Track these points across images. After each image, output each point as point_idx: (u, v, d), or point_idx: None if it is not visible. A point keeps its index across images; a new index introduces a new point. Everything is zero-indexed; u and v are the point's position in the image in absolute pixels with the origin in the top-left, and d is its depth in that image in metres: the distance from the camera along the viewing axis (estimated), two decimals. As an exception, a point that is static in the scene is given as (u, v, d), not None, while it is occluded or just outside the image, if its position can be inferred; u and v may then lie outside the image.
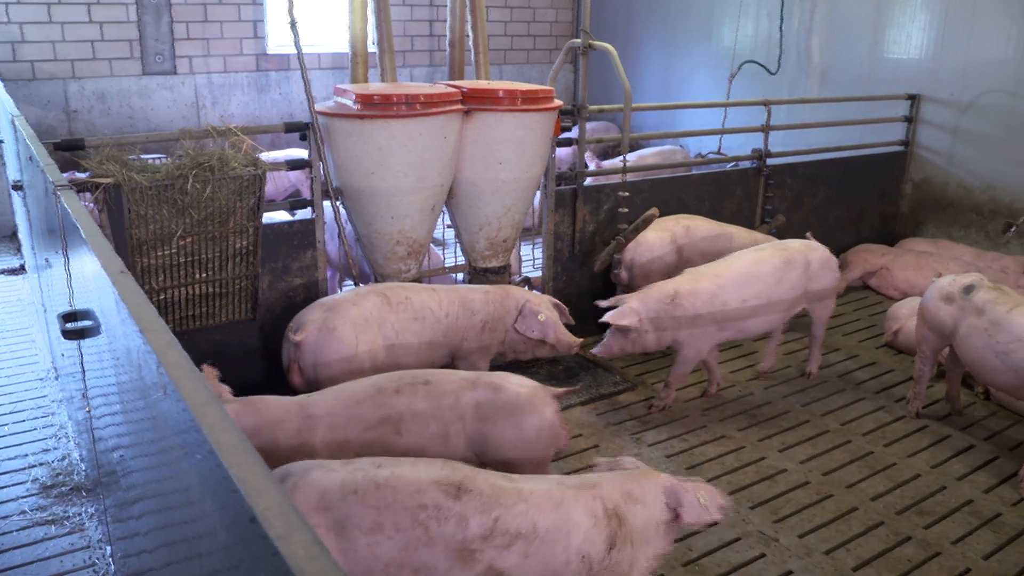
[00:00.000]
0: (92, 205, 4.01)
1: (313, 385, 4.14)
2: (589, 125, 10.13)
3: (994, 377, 4.43)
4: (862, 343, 6.27)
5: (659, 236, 5.86)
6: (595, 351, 4.83)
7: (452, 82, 5.25)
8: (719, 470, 4.48)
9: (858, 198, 7.83)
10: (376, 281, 4.98)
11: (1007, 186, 7.39)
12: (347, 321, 4.13)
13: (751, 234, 6.11)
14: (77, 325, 2.67)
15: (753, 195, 6.87)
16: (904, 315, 5.99)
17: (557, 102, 5.09)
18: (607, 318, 4.66)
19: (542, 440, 3.45)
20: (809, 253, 5.22)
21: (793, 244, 5.28)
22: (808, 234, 5.61)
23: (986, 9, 7.36)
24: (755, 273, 5.00)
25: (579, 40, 5.55)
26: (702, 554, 3.80)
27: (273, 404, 3.42)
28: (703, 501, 2.97)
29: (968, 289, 4.57)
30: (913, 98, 7.97)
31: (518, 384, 3.50)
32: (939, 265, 6.85)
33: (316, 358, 4.11)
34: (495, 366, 4.69)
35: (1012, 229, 7.17)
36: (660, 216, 5.66)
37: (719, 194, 6.65)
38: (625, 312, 4.67)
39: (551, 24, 11.63)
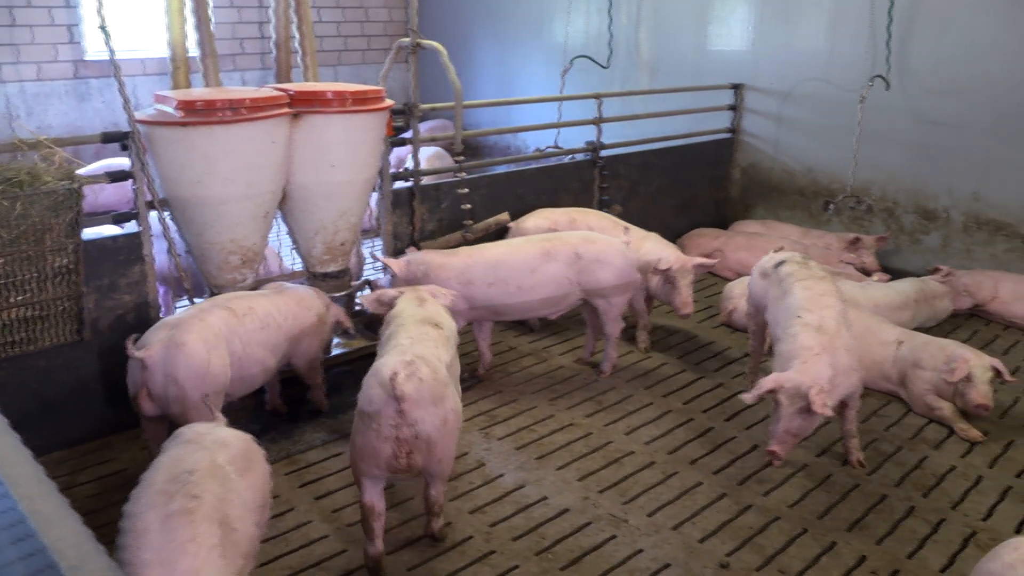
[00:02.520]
0: None
1: (164, 407, 3.95)
2: (429, 124, 10.14)
3: (775, 343, 4.63)
4: (700, 323, 6.51)
5: (537, 224, 5.95)
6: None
7: (279, 85, 5.13)
8: (568, 457, 4.56)
9: (691, 185, 8.14)
10: (212, 293, 4.82)
11: (825, 168, 7.84)
12: (196, 335, 3.95)
13: (645, 235, 6.02)
14: None
15: (589, 186, 7.03)
16: (737, 294, 6.25)
17: (388, 102, 5.05)
18: (381, 256, 5.04)
19: (270, 478, 3.34)
20: (581, 246, 5.24)
21: (566, 236, 5.35)
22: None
23: (798, 2, 7.77)
24: (507, 260, 5.14)
25: (408, 39, 5.52)
26: (554, 541, 3.86)
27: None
28: (441, 291, 4.41)
29: (779, 264, 4.81)
30: (737, 87, 8.35)
31: (234, 435, 3.24)
32: (768, 245, 7.18)
33: (167, 377, 3.89)
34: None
35: (831, 207, 7.62)
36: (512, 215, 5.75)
37: (556, 187, 6.76)
38: (395, 260, 5.08)
39: (385, 24, 11.56)
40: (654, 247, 5.78)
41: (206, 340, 3.98)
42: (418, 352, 3.56)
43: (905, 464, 4.56)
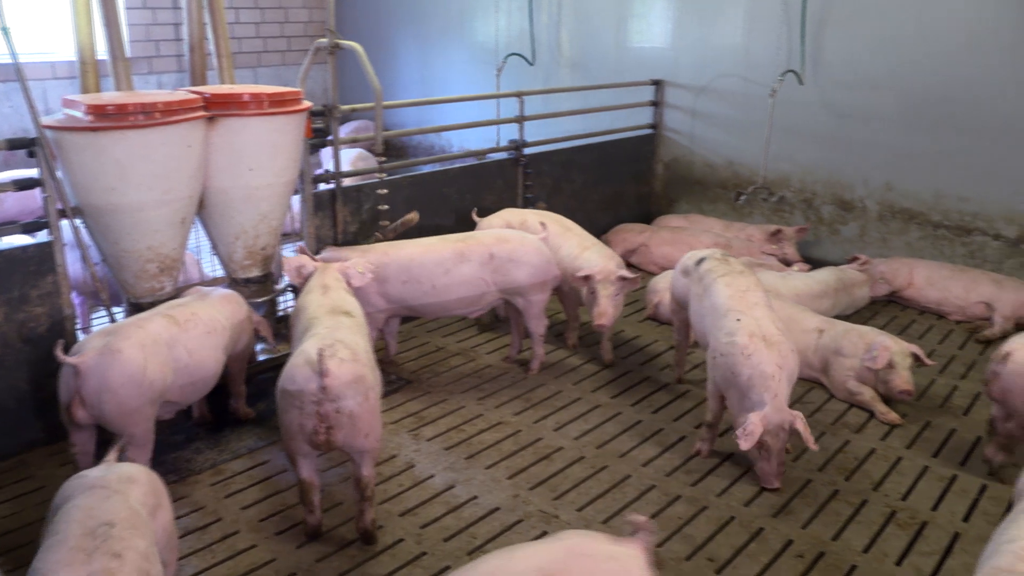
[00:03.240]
0: None
1: (97, 416, 3.83)
2: (353, 124, 10.04)
3: (700, 340, 4.73)
4: (627, 317, 6.56)
5: (490, 223, 5.95)
6: None
7: (195, 88, 5.03)
8: (497, 456, 4.56)
9: (614, 181, 8.20)
10: (129, 303, 4.71)
11: (745, 161, 7.98)
12: (133, 343, 3.86)
13: (589, 244, 5.72)
14: None
15: (513, 185, 7.04)
16: (662, 288, 6.32)
17: (306, 103, 5.00)
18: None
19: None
20: (496, 247, 5.27)
21: (480, 236, 5.39)
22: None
23: (714, -1, 7.92)
24: (421, 259, 5.18)
25: (326, 40, 5.47)
26: (485, 541, 3.86)
27: None
28: (360, 269, 4.53)
29: (700, 261, 4.87)
30: (657, 83, 8.45)
31: (135, 468, 3.11)
32: (692, 239, 7.31)
33: (101, 384, 3.77)
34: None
35: (742, 197, 7.77)
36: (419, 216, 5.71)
37: (480, 186, 6.76)
38: (315, 258, 4.96)
39: (305, 24, 11.41)
40: (592, 257, 5.55)
41: (144, 347, 3.89)
42: (338, 337, 3.76)
43: (828, 449, 4.66)
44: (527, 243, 5.34)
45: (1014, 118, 6.46)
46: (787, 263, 7.09)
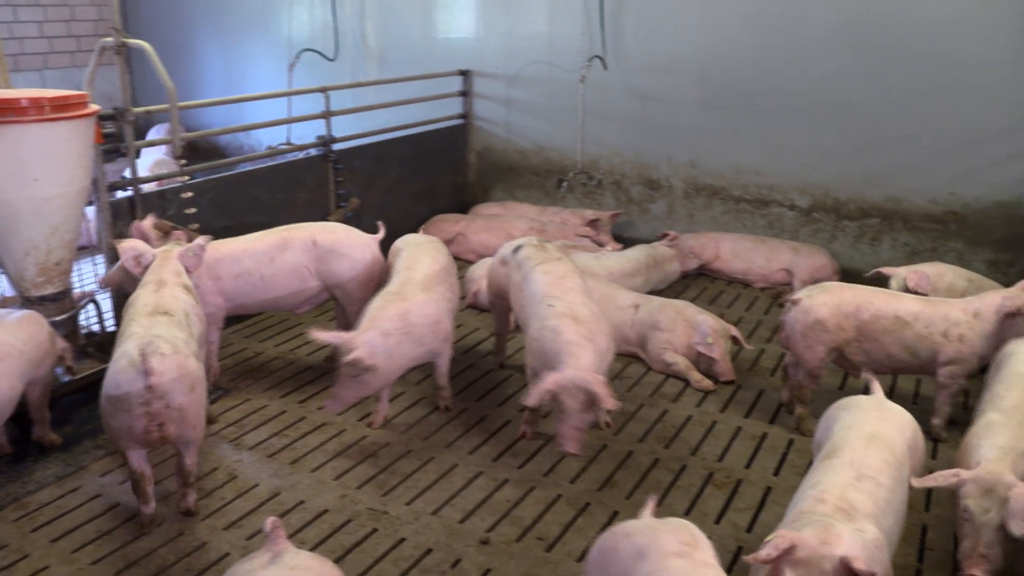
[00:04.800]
0: None
1: None
2: (162, 127, 9.59)
3: (523, 327, 4.79)
4: (449, 309, 6.56)
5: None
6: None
7: (-35, 94, 4.65)
8: (323, 458, 4.47)
9: (428, 172, 8.19)
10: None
11: (555, 146, 8.15)
12: None
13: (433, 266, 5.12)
14: None
15: (324, 182, 6.89)
16: (480, 276, 6.34)
17: (94, 107, 4.71)
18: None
19: None
20: (319, 235, 5.18)
21: (306, 226, 5.30)
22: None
23: (518, -13, 8.03)
24: (250, 250, 5.08)
25: (111, 39, 5.17)
26: (315, 544, 3.77)
27: None
28: (192, 253, 4.51)
29: (517, 249, 4.92)
30: (465, 73, 8.49)
31: None
32: (508, 225, 7.40)
33: None
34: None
35: (564, 184, 7.94)
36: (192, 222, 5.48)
37: (290, 185, 6.58)
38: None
39: (95, 23, 10.76)
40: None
41: None
42: (154, 333, 3.75)
43: (647, 420, 4.83)
44: (353, 236, 5.24)
45: (795, 97, 6.90)
46: (600, 244, 7.28)
